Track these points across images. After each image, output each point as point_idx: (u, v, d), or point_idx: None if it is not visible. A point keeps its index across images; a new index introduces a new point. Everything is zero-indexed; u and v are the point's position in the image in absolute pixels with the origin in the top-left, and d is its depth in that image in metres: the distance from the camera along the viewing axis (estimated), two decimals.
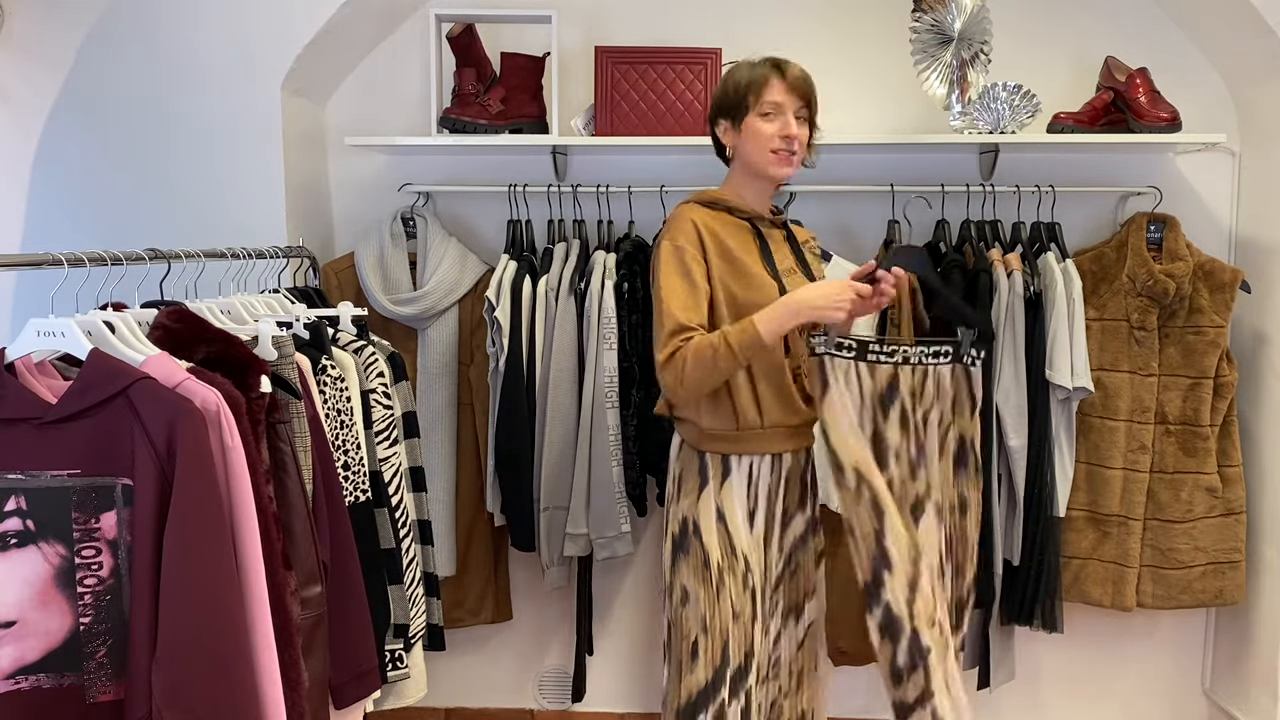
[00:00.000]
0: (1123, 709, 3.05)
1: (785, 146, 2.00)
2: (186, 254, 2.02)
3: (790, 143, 2.00)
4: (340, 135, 2.89)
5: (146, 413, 1.43)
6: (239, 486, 1.52)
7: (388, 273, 2.75)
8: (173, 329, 1.67)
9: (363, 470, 2.04)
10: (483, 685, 3.13)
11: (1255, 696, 2.78)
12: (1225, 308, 2.67)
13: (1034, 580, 2.64)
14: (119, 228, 2.75)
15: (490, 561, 2.87)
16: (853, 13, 2.91)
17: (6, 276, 2.70)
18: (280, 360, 1.82)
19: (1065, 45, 2.87)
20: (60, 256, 1.65)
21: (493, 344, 2.67)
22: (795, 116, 2.02)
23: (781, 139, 2.00)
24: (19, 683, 1.45)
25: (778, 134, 2.00)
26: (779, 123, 2.00)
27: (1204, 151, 2.85)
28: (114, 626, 1.47)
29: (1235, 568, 2.70)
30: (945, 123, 2.74)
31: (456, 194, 2.96)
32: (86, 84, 2.75)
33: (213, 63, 2.71)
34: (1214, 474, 2.68)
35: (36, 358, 1.53)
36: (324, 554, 1.79)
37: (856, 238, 2.92)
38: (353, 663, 1.88)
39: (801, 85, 2.03)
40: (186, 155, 2.75)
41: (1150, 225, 2.72)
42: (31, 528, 1.45)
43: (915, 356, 2.03)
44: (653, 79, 2.69)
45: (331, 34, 2.73)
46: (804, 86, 2.03)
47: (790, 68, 2.04)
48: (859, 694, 3.04)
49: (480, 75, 2.76)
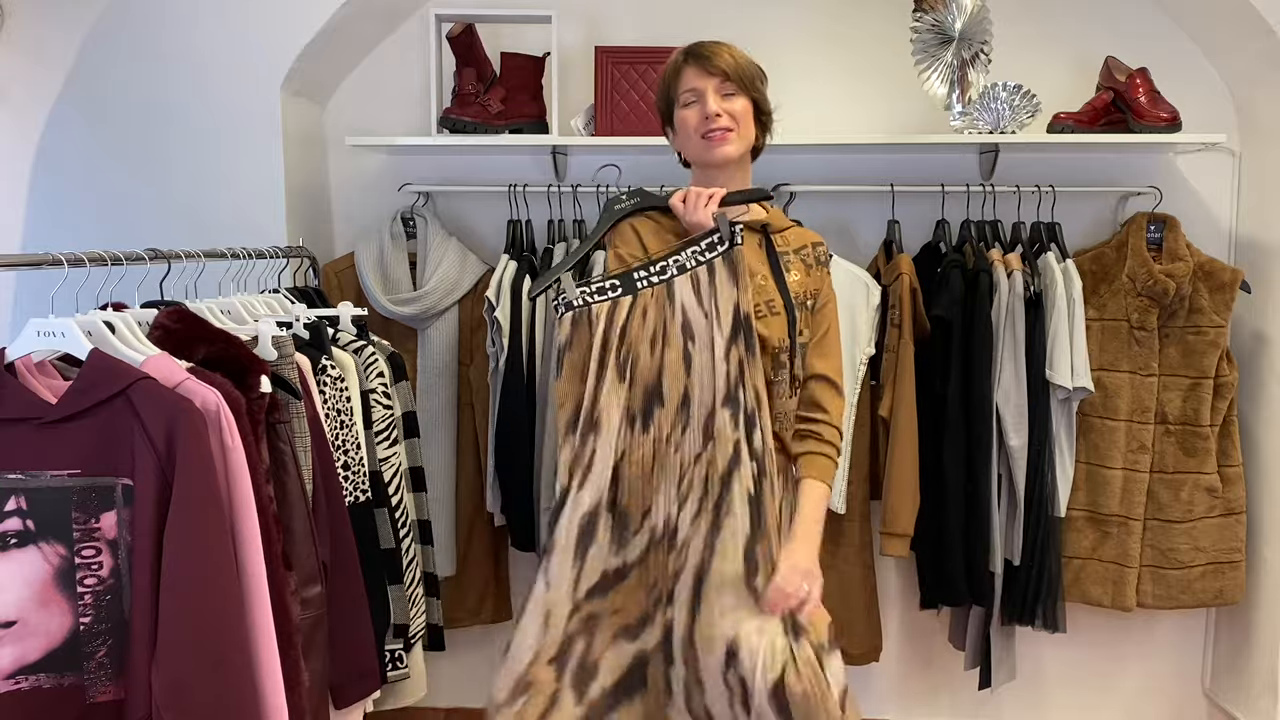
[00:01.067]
0: (1123, 709, 3.06)
1: (709, 126, 1.86)
2: (186, 254, 2.02)
3: (711, 121, 1.85)
4: (340, 135, 2.89)
5: (146, 413, 1.43)
6: (239, 486, 1.52)
7: (388, 273, 2.75)
8: (173, 329, 1.67)
9: (363, 470, 2.04)
10: (483, 685, 3.11)
11: (1255, 696, 2.78)
12: (1225, 308, 2.67)
13: (1034, 580, 2.64)
14: (119, 228, 2.75)
15: (490, 561, 2.87)
16: (853, 12, 2.91)
17: (6, 276, 2.70)
18: (280, 360, 1.82)
19: (1065, 45, 2.87)
20: (60, 256, 1.65)
21: (493, 344, 2.67)
22: (718, 94, 1.87)
23: (703, 119, 1.86)
24: (19, 682, 1.45)
25: (699, 117, 1.87)
26: (698, 107, 1.87)
27: (1204, 151, 2.85)
28: (114, 626, 1.47)
29: (1235, 568, 2.70)
30: (945, 123, 2.74)
31: (456, 194, 2.96)
32: (86, 84, 2.75)
33: (213, 63, 2.71)
34: (1214, 474, 2.68)
35: (36, 358, 1.53)
36: (324, 554, 1.80)
37: (856, 238, 2.92)
38: (353, 663, 1.88)
39: (717, 63, 1.87)
40: (186, 155, 2.75)
41: (1150, 225, 2.72)
42: (31, 528, 1.45)
43: (686, 260, 1.81)
44: (653, 79, 2.69)
45: (331, 34, 2.73)
46: (721, 64, 1.87)
47: (703, 49, 1.90)
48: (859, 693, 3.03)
49: (480, 75, 2.76)
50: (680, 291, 1.79)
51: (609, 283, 1.81)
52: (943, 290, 2.62)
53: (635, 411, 1.77)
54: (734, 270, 1.78)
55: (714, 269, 1.79)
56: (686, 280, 1.80)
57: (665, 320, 1.79)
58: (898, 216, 2.80)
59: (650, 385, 1.77)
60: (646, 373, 1.77)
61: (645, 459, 1.77)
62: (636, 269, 1.82)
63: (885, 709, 3.09)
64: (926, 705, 3.09)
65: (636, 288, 1.80)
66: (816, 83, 2.91)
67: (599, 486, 1.76)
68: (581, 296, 1.81)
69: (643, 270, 1.82)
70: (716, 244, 1.80)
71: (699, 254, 1.81)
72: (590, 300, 1.81)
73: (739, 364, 1.75)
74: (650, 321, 1.79)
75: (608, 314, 1.80)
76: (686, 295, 1.79)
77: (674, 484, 1.77)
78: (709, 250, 1.80)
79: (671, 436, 1.76)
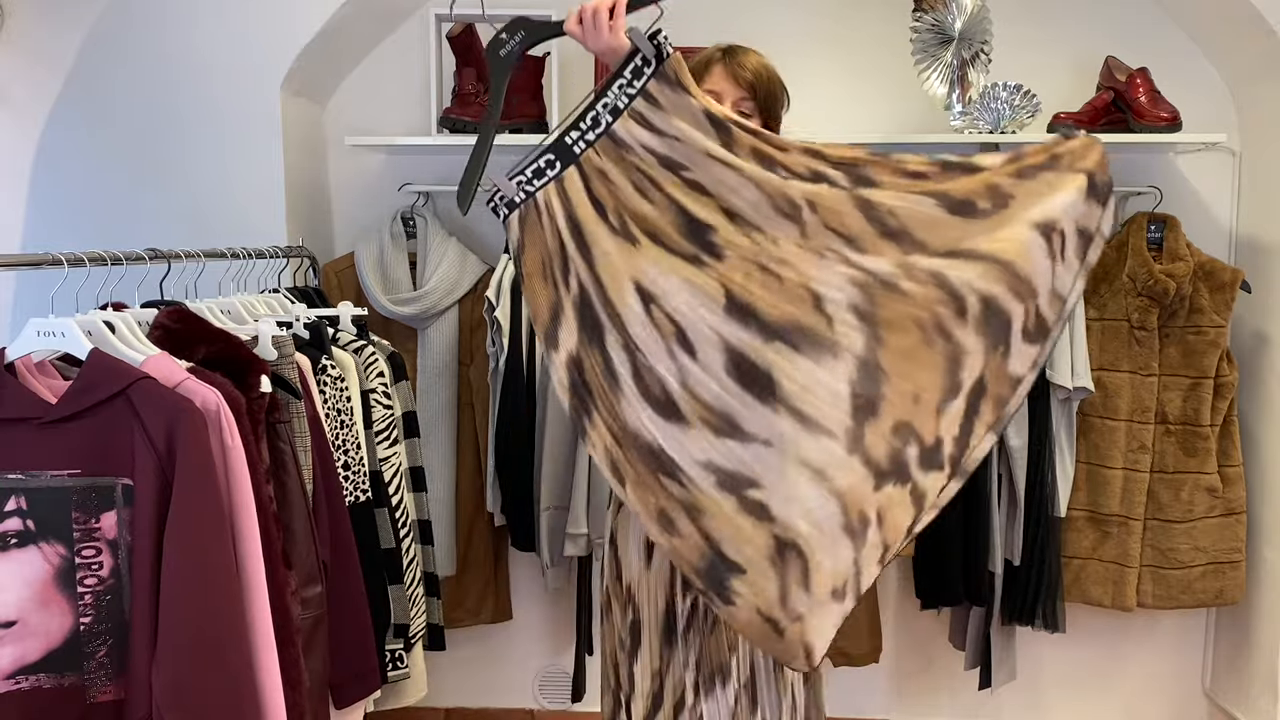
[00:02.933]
0: (1123, 709, 3.05)
1: None
2: (186, 254, 2.02)
3: None
4: (340, 135, 2.88)
5: (146, 413, 1.43)
6: (239, 486, 1.52)
7: (388, 273, 2.75)
8: (173, 329, 1.67)
9: (363, 470, 2.04)
10: (483, 685, 3.13)
11: (1255, 696, 2.78)
12: (1225, 308, 2.66)
13: (1035, 580, 2.64)
14: (119, 228, 2.74)
15: (490, 561, 2.87)
16: (853, 12, 2.91)
17: (6, 276, 2.70)
18: (280, 360, 1.82)
19: (1065, 45, 2.87)
20: (60, 256, 1.65)
21: (493, 344, 2.67)
22: (736, 108, 1.77)
23: None
24: (19, 683, 1.45)
25: None
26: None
27: (1204, 151, 2.85)
28: (114, 626, 1.46)
29: (1235, 568, 2.70)
30: (945, 123, 2.74)
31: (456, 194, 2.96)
32: (86, 84, 2.75)
33: (213, 63, 2.71)
34: (1214, 474, 2.68)
35: (36, 358, 1.53)
36: (324, 554, 1.80)
37: None
38: (353, 662, 1.88)
39: (745, 75, 1.77)
40: (186, 155, 2.75)
41: (1150, 225, 2.72)
42: (31, 528, 1.45)
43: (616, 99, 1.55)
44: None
45: (331, 34, 2.73)
46: (749, 77, 1.78)
47: (738, 56, 1.80)
48: (859, 694, 3.04)
49: (480, 75, 2.76)
50: (628, 136, 1.54)
51: (542, 160, 1.56)
52: None
53: (691, 251, 1.51)
54: (676, 85, 1.54)
55: (652, 96, 1.54)
56: (627, 120, 1.54)
57: (637, 166, 1.54)
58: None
59: (683, 224, 1.52)
60: (666, 217, 1.53)
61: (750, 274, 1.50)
62: (564, 132, 1.56)
63: (885, 709, 3.09)
64: (926, 705, 3.09)
65: (575, 153, 1.54)
66: (816, 83, 2.90)
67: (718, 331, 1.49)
68: (519, 187, 1.57)
69: (573, 131, 1.55)
70: (642, 67, 1.53)
71: (626, 86, 1.54)
72: (531, 188, 1.57)
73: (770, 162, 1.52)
74: (620, 178, 1.54)
75: (559, 195, 1.57)
76: (638, 134, 1.54)
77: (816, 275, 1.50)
78: (637, 77, 1.54)
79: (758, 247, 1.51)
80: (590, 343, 1.55)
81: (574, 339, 1.56)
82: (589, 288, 1.54)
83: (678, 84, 1.53)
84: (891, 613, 3.00)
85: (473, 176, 1.61)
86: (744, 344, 1.50)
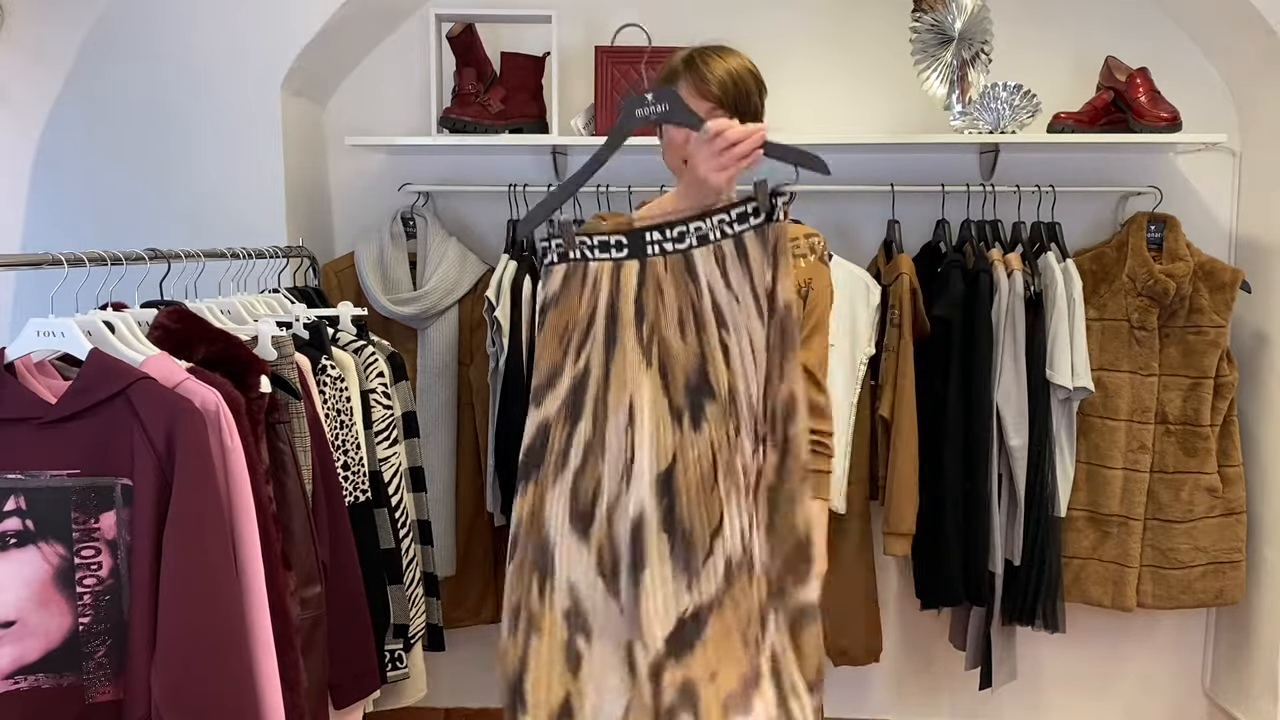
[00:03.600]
0: (1123, 709, 3.05)
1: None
2: (186, 254, 2.02)
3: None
4: (340, 135, 2.88)
5: (146, 413, 1.43)
6: (239, 487, 1.52)
7: (388, 273, 2.75)
8: (173, 329, 1.67)
9: (363, 470, 2.04)
10: (483, 685, 3.13)
11: (1255, 696, 2.78)
12: (1225, 308, 2.67)
13: (1035, 580, 2.64)
14: (119, 228, 2.74)
15: (490, 561, 2.87)
16: (853, 12, 2.91)
17: (6, 276, 2.70)
18: (280, 360, 1.82)
19: (1065, 45, 2.87)
20: (60, 256, 1.65)
21: (493, 344, 2.67)
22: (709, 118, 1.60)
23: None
24: (18, 683, 1.45)
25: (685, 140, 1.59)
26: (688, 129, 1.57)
27: (1204, 151, 2.85)
28: (113, 626, 1.47)
29: (1235, 568, 2.70)
30: (945, 123, 2.74)
31: (456, 194, 2.96)
32: (86, 84, 2.75)
33: (213, 63, 2.71)
34: (1214, 474, 2.68)
35: (36, 358, 1.53)
36: (324, 554, 1.80)
37: (857, 238, 2.92)
38: (352, 663, 1.88)
39: (710, 89, 1.66)
40: (186, 155, 2.75)
41: (1150, 225, 2.72)
42: (31, 528, 1.45)
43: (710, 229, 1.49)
44: (653, 79, 2.68)
45: (331, 34, 2.73)
46: (715, 90, 1.66)
47: (699, 68, 1.68)
48: (859, 694, 3.04)
49: (480, 75, 2.76)
50: (702, 267, 1.49)
51: (614, 239, 1.50)
52: (943, 290, 2.62)
53: (681, 406, 1.48)
54: (772, 250, 1.47)
55: (744, 245, 1.48)
56: (709, 254, 1.49)
57: (692, 300, 1.49)
58: (898, 216, 2.80)
59: (694, 376, 1.48)
60: (684, 360, 1.48)
61: (704, 461, 1.46)
62: (647, 229, 1.50)
63: (885, 709, 3.09)
64: (926, 706, 3.09)
65: (646, 253, 1.50)
66: (816, 83, 2.91)
67: (640, 498, 1.47)
68: (581, 248, 1.51)
69: (656, 233, 1.50)
70: (749, 215, 1.48)
71: (726, 224, 1.49)
72: (591, 255, 1.51)
73: (779, 362, 1.48)
74: (672, 300, 1.49)
75: (611, 277, 1.51)
76: (711, 272, 1.49)
77: (743, 494, 1.47)
78: (739, 221, 1.48)
79: (729, 438, 1.47)
80: (565, 421, 1.53)
81: (554, 408, 1.54)
82: (593, 374, 1.52)
83: (771, 252, 1.48)
84: (891, 613, 3.00)
85: (546, 212, 1.56)
86: (647, 515, 1.47)
